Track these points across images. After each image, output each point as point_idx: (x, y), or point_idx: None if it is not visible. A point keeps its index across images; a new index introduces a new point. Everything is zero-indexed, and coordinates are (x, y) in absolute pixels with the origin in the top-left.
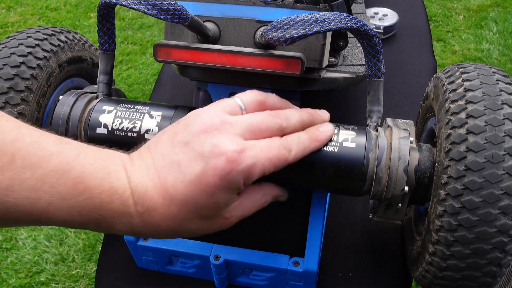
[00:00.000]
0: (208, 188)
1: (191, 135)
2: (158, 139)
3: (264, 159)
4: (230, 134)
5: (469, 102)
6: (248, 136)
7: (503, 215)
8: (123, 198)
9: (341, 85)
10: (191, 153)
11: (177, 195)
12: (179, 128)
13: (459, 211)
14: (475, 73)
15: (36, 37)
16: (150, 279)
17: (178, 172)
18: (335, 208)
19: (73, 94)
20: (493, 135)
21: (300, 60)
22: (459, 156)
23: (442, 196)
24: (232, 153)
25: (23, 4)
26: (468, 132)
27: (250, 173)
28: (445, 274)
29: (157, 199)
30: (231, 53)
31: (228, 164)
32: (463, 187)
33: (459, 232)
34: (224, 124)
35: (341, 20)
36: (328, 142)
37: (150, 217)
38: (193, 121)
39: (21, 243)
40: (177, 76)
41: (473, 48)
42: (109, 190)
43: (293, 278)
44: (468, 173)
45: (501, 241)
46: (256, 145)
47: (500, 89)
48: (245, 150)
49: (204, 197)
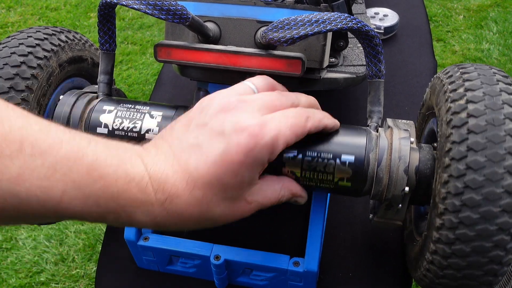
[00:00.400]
0: (232, 166)
1: (209, 117)
2: (172, 128)
3: (285, 128)
4: (248, 111)
5: (469, 101)
6: (265, 112)
7: (504, 213)
8: (141, 185)
9: (341, 86)
10: (211, 133)
11: (201, 178)
12: (194, 113)
13: (459, 209)
14: (476, 73)
15: (36, 36)
16: (150, 279)
17: (199, 154)
18: (335, 208)
19: (74, 94)
20: (493, 135)
21: (300, 60)
22: (460, 155)
23: (443, 194)
24: (254, 127)
25: (23, 4)
26: (469, 131)
27: (274, 146)
28: (446, 273)
29: (179, 184)
30: (232, 53)
31: (252, 138)
32: (464, 185)
33: (460, 230)
34: (241, 102)
35: (342, 20)
36: (328, 141)
37: (173, 205)
38: (208, 104)
39: (21, 243)
40: (177, 76)
41: (473, 48)
42: (125, 177)
43: (293, 278)
44: (469, 171)
45: (502, 239)
46: (275, 116)
47: (500, 89)
48: (266, 122)
49: (228, 176)
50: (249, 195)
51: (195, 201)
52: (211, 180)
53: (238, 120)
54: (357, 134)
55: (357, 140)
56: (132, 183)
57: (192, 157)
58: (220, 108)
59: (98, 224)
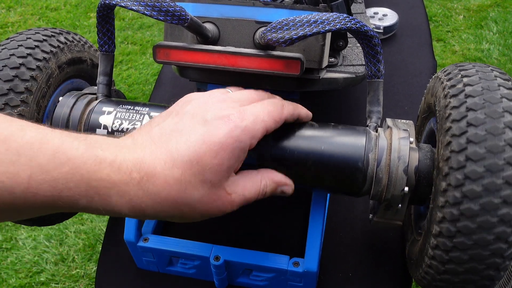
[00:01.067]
0: (213, 146)
1: (190, 107)
2: (150, 121)
3: (263, 114)
4: (228, 103)
5: (468, 96)
6: (245, 104)
7: (502, 223)
8: (114, 166)
9: (340, 86)
10: (192, 120)
11: (180, 157)
12: (175, 106)
13: (460, 201)
14: (477, 77)
15: (35, 38)
16: (150, 280)
17: (180, 136)
18: (335, 208)
19: (73, 96)
20: (493, 127)
21: (299, 61)
22: (460, 147)
23: (444, 187)
24: (234, 114)
25: (23, 4)
26: (468, 141)
27: (254, 130)
28: (448, 268)
29: (157, 163)
30: (231, 54)
31: (232, 122)
32: (464, 177)
33: (462, 222)
34: (221, 99)
35: (341, 20)
36: (327, 141)
37: (150, 184)
38: (190, 99)
39: (21, 243)
40: (177, 77)
41: (473, 48)
42: (95, 159)
43: (293, 278)
44: (469, 163)
45: (504, 232)
46: (254, 105)
47: (501, 96)
48: (245, 110)
49: (208, 156)
50: (227, 186)
51: (173, 180)
52: (190, 159)
53: (219, 109)
54: (356, 134)
55: (356, 140)
56: (103, 164)
57: (172, 140)
58: (203, 102)
59: (98, 224)
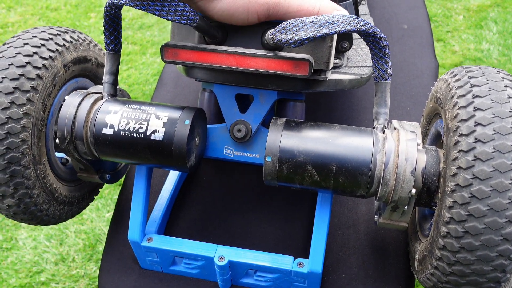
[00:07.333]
0: None
1: None
2: None
3: None
4: None
5: (477, 109)
6: None
7: (510, 224)
8: None
9: (346, 87)
10: None
11: None
12: None
13: (469, 202)
14: (484, 78)
15: (41, 36)
16: (153, 280)
17: None
18: (338, 209)
19: (79, 95)
20: (501, 144)
21: (308, 62)
22: (468, 147)
23: (452, 187)
24: None
25: (23, 4)
26: (477, 140)
27: None
28: (454, 269)
29: None
30: (239, 54)
31: None
32: (473, 176)
33: (469, 223)
34: None
35: (350, 22)
36: (334, 142)
37: None
38: None
39: (21, 243)
40: (179, 76)
41: (473, 48)
42: None
43: (297, 279)
44: (478, 162)
45: (506, 249)
46: None
47: (508, 96)
48: None
49: None
50: None
51: None
52: None
53: None
54: (363, 136)
55: (364, 141)
56: None
57: None
58: None
59: (98, 224)
